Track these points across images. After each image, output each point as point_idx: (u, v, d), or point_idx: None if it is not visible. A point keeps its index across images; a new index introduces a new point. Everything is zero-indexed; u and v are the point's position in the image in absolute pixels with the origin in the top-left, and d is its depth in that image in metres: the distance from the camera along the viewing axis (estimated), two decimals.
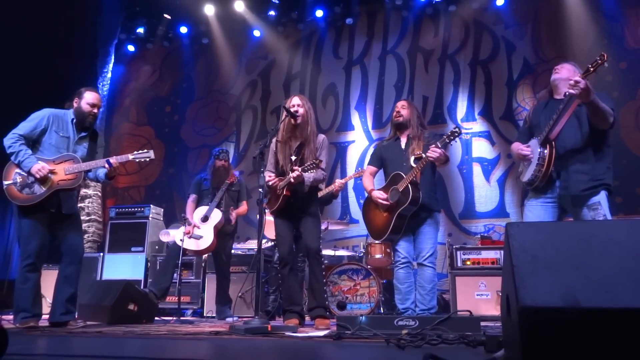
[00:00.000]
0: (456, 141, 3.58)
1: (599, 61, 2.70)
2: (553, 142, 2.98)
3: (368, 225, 3.94)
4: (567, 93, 2.84)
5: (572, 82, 2.73)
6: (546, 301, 1.39)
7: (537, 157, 2.99)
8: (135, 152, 3.68)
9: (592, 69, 2.74)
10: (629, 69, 6.39)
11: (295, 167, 3.57)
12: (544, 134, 2.99)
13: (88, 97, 3.65)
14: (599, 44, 6.52)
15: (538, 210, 3.05)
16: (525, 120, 3.35)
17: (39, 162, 3.42)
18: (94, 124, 3.74)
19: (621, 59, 6.45)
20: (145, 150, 3.69)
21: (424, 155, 3.58)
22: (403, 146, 3.79)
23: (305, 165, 3.56)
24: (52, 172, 3.43)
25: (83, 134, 3.68)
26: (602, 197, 2.89)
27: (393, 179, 3.70)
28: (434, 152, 3.44)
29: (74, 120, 3.65)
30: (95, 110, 3.68)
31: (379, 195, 3.71)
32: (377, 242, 5.10)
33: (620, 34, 6.54)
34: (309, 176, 3.66)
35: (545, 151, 2.96)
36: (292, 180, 3.57)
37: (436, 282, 3.74)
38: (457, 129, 3.49)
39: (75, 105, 3.66)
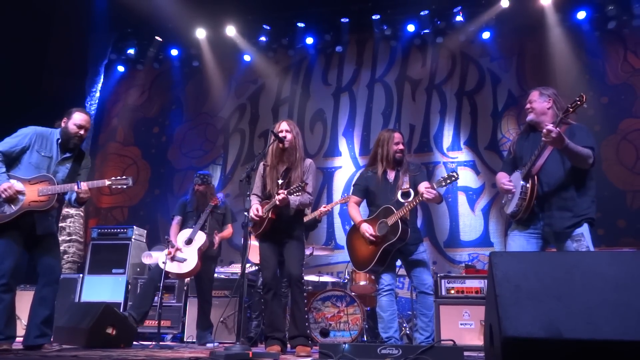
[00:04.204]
0: (452, 185, 3.59)
1: (578, 102, 2.74)
2: (535, 177, 3.01)
3: (352, 254, 3.89)
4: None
5: (544, 131, 2.77)
6: (529, 332, 1.39)
7: (519, 191, 3.02)
8: (114, 178, 3.58)
9: (571, 110, 2.78)
10: (610, 104, 6.57)
11: (281, 190, 3.57)
12: (526, 168, 3.03)
13: (76, 118, 3.59)
14: (582, 79, 6.71)
15: (521, 241, 3.06)
16: (509, 150, 3.39)
17: (10, 180, 3.34)
18: (79, 145, 3.67)
19: (602, 94, 6.63)
20: (124, 177, 3.58)
21: (411, 191, 3.60)
22: (392, 180, 3.76)
23: (291, 188, 3.55)
24: (20, 192, 3.33)
25: (67, 154, 3.61)
26: (584, 229, 2.91)
27: (382, 212, 3.66)
28: (430, 194, 3.41)
29: (59, 141, 3.59)
30: (82, 132, 3.61)
31: (367, 229, 3.66)
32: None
33: (601, 70, 6.74)
34: (294, 199, 3.65)
35: (528, 185, 3.00)
36: (277, 203, 3.56)
37: (434, 308, 3.76)
38: (454, 174, 3.45)
39: (63, 125, 3.60)
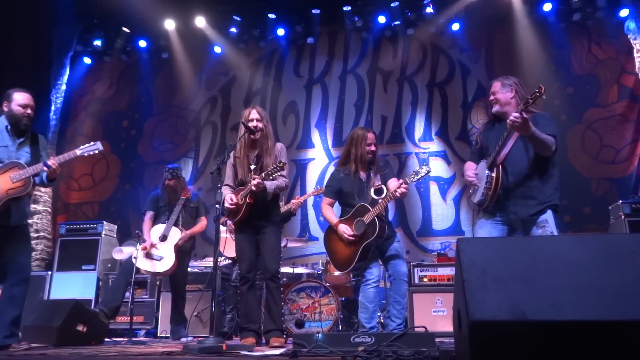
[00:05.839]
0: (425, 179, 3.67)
1: (538, 94, 2.80)
2: (500, 166, 3.09)
3: (332, 256, 3.93)
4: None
5: (511, 118, 2.84)
6: (494, 315, 1.43)
7: (485, 180, 3.09)
8: (82, 147, 3.53)
9: (531, 101, 2.84)
10: (575, 94, 6.74)
11: (256, 176, 3.55)
12: (491, 157, 3.11)
13: (18, 98, 3.46)
14: (548, 70, 6.86)
15: (488, 228, 3.14)
16: (476, 140, 3.46)
17: None
18: (31, 126, 3.55)
19: (568, 85, 6.80)
20: (92, 143, 3.55)
21: (384, 188, 3.66)
22: (364, 179, 3.82)
23: (268, 170, 3.53)
24: None
25: (21, 139, 3.50)
26: (549, 215, 3.00)
27: (358, 211, 3.72)
28: (405, 189, 3.51)
29: (9, 127, 3.47)
30: (29, 111, 3.49)
31: (345, 231, 3.72)
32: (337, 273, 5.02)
33: (567, 61, 6.90)
34: (270, 184, 3.63)
35: (493, 174, 3.07)
36: (253, 188, 3.53)
37: (407, 297, 3.85)
38: (426, 168, 3.56)
39: (5, 109, 3.47)
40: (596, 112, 6.64)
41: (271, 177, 3.55)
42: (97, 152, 3.56)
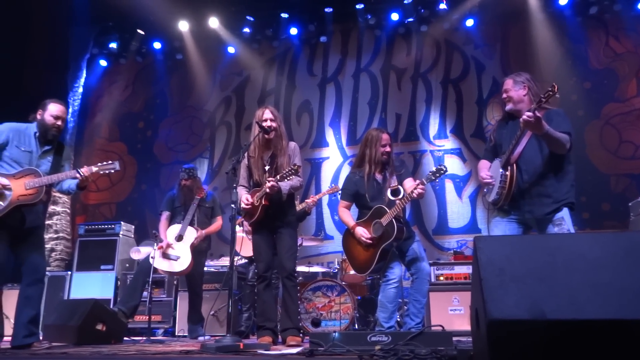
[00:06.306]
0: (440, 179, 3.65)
1: (551, 92, 2.74)
2: (514, 165, 3.04)
3: (351, 259, 3.92)
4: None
5: (524, 117, 2.80)
6: (513, 314, 1.41)
7: (499, 179, 3.05)
8: (99, 164, 3.57)
9: (544, 100, 2.78)
10: (593, 89, 6.63)
11: (271, 178, 3.56)
12: (505, 156, 3.06)
13: (52, 109, 3.54)
14: (565, 65, 6.77)
15: (503, 226, 3.10)
16: (490, 138, 3.41)
17: None
18: (58, 137, 3.62)
19: (585, 79, 6.69)
20: (110, 162, 3.58)
21: (401, 188, 3.65)
22: (380, 180, 3.80)
23: (284, 172, 3.54)
24: (6, 187, 3.29)
25: (47, 147, 3.57)
26: (565, 213, 2.95)
27: (375, 213, 3.70)
28: (422, 190, 3.49)
29: (37, 134, 3.54)
30: (59, 123, 3.56)
31: (363, 234, 3.70)
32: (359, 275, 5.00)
33: (584, 55, 6.79)
34: (285, 185, 3.64)
35: (507, 173, 3.03)
36: (267, 191, 3.55)
37: None
38: (442, 167, 3.52)
39: (38, 117, 3.55)
40: (615, 107, 6.52)
41: (286, 179, 3.56)
42: (113, 171, 3.59)
